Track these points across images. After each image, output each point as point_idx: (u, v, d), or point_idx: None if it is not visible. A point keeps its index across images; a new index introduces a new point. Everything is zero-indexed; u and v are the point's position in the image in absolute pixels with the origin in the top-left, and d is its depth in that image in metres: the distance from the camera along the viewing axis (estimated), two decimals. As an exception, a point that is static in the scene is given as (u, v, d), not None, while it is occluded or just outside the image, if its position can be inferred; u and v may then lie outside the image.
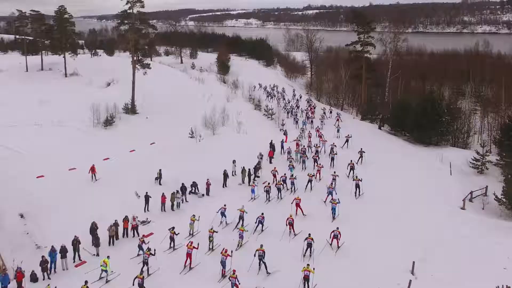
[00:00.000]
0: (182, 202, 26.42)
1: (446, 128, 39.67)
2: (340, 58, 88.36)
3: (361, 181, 27.97)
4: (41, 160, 33.21)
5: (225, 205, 24.12)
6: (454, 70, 73.36)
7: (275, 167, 30.79)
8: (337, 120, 45.46)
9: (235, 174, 30.93)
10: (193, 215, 23.28)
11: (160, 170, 29.22)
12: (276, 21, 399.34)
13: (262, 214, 23.38)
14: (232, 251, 19.80)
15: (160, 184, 29.18)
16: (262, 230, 23.22)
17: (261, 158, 32.45)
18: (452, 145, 41.88)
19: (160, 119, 47.70)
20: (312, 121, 45.86)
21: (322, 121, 45.02)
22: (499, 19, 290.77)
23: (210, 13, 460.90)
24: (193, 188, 27.99)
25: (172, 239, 21.52)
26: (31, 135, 39.44)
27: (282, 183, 28.26)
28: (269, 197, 26.98)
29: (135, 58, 50.41)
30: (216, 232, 22.02)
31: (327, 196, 26.76)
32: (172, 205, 25.79)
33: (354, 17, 52.78)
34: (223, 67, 79.22)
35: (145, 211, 25.49)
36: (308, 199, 27.08)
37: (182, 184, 27.08)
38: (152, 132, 42.92)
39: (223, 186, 29.14)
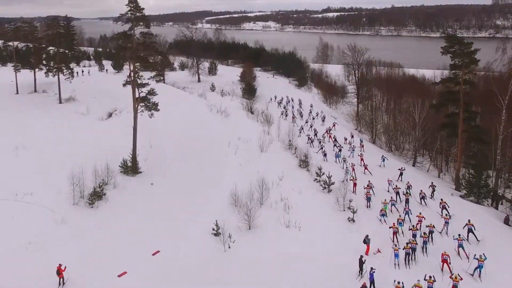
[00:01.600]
0: None
1: None
2: (392, 79, 73.48)
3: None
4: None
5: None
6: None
7: (394, 223, 25.70)
8: (362, 146, 42.64)
9: None
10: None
11: None
12: (295, 24, 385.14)
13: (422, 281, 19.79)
14: None
15: None
16: None
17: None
18: None
19: (170, 186, 34.13)
20: (340, 150, 41.01)
21: (353, 150, 41.35)
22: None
23: (227, 15, 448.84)
24: None
25: None
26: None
27: (413, 239, 24.11)
28: (409, 259, 23.01)
29: (136, 96, 36.44)
30: None
31: (459, 248, 23.40)
32: None
33: (449, 45, 34.87)
34: (249, 91, 65.54)
35: None
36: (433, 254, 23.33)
37: None
38: (158, 214, 29.52)
39: None
